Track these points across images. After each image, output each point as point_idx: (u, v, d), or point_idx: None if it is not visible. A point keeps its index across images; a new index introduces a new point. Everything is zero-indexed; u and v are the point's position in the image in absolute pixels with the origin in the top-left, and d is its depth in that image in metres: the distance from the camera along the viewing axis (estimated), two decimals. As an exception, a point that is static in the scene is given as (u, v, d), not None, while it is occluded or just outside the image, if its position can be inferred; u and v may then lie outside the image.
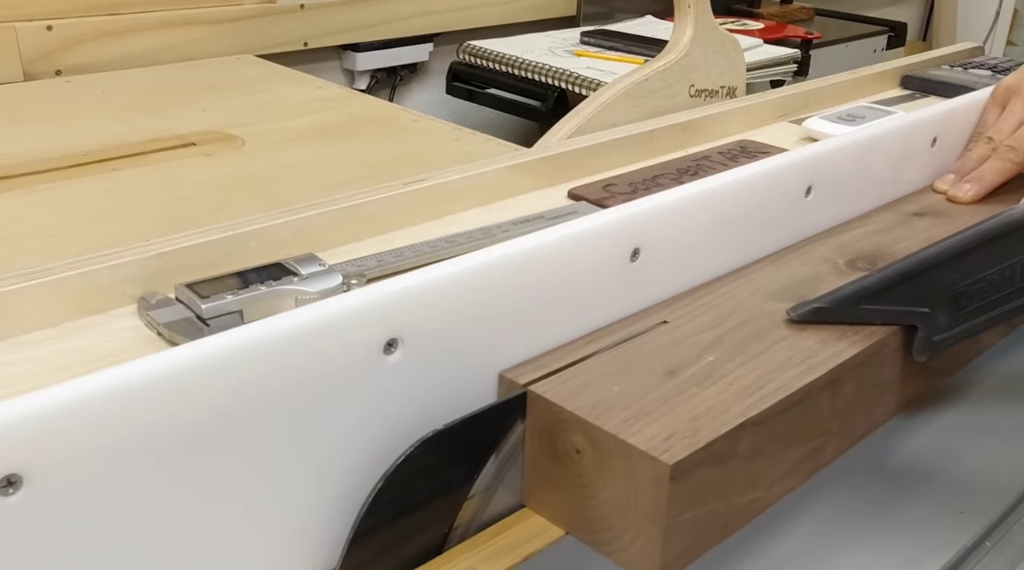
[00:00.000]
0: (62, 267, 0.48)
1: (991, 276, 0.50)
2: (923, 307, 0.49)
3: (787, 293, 0.52)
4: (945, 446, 0.51)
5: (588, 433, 0.40)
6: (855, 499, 0.47)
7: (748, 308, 0.50)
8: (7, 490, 0.30)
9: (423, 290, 0.41)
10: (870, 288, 0.49)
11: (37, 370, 0.44)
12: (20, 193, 0.72)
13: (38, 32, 1.06)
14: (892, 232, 0.61)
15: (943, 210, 0.66)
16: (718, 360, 0.45)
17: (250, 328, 0.36)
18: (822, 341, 0.47)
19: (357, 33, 1.32)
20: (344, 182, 0.76)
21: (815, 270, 0.55)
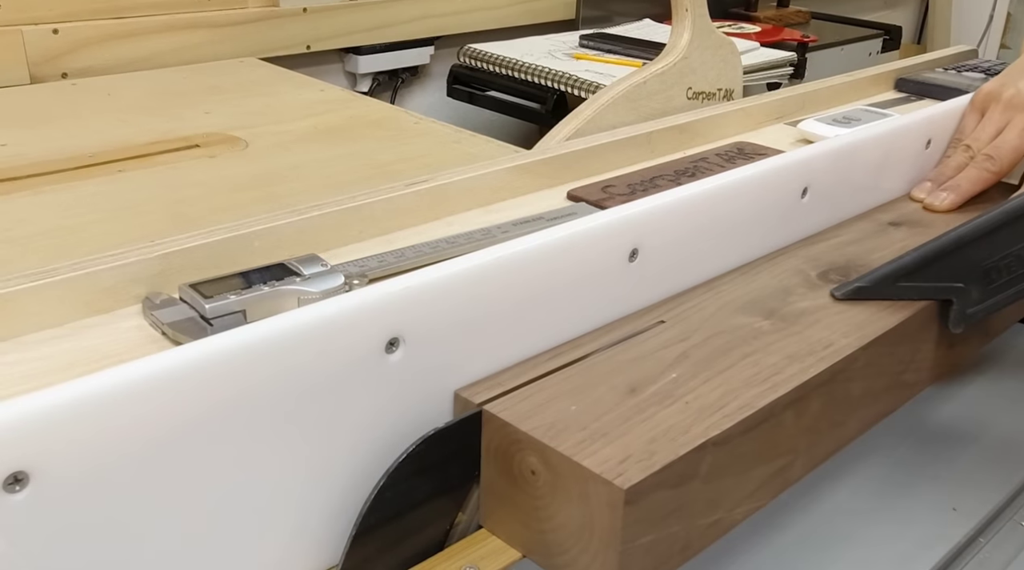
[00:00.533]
0: (68, 267, 0.48)
1: (1018, 251, 0.53)
2: (957, 282, 0.52)
3: (756, 306, 0.51)
4: (942, 441, 0.51)
5: (543, 454, 0.38)
6: (856, 492, 0.47)
7: (716, 322, 0.49)
8: (13, 487, 0.30)
9: (424, 290, 0.41)
10: (907, 267, 0.51)
11: (43, 369, 0.44)
12: (26, 194, 0.72)
13: (44, 35, 1.06)
14: (867, 242, 0.60)
15: (919, 219, 0.64)
16: (681, 377, 0.44)
17: (253, 328, 0.36)
18: (788, 358, 0.46)
19: (359, 36, 1.32)
20: (346, 183, 0.76)
21: (786, 282, 0.54)
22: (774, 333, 0.48)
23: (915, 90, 0.99)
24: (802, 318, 0.50)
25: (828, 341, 0.47)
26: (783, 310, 0.50)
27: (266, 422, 0.36)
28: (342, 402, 0.39)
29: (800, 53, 1.40)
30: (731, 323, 0.49)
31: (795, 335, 0.48)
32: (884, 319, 0.50)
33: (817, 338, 0.48)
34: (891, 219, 0.64)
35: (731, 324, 0.49)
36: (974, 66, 1.06)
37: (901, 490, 0.49)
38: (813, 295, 0.52)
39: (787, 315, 0.50)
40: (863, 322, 0.49)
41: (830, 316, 0.50)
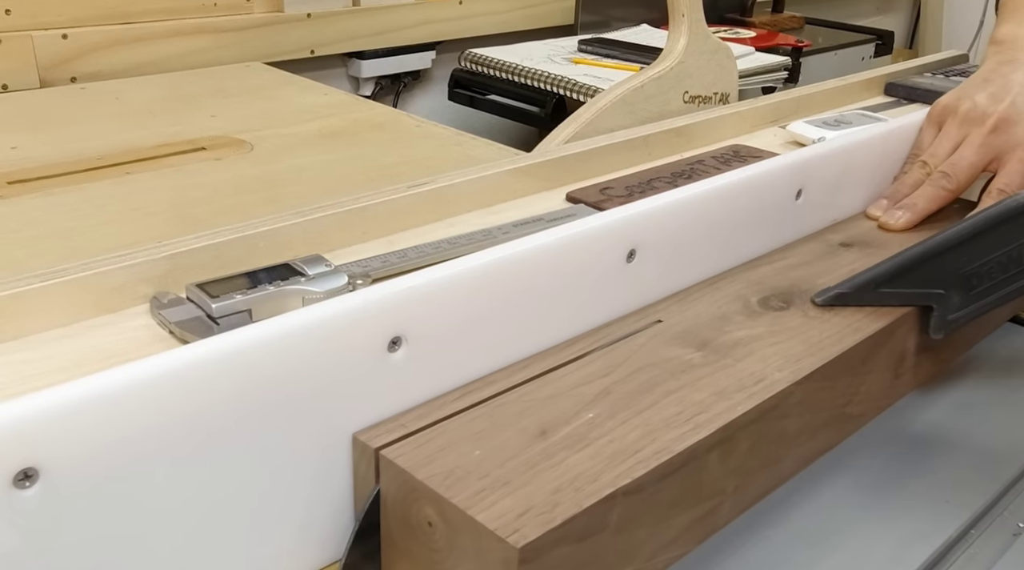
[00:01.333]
0: (77, 268, 0.48)
1: (998, 258, 0.52)
2: (937, 288, 0.51)
3: (690, 336, 0.48)
4: (934, 438, 0.51)
5: (439, 505, 0.35)
6: (847, 489, 0.47)
7: (646, 353, 0.46)
8: (24, 483, 0.30)
9: (426, 290, 0.41)
10: (888, 273, 0.50)
11: (52, 367, 0.44)
12: (36, 196, 0.72)
13: (54, 40, 1.06)
14: (814, 265, 0.57)
15: (871, 240, 0.61)
16: (598, 417, 0.40)
17: (258, 327, 0.36)
18: (716, 394, 0.42)
19: (362, 41, 1.32)
20: (350, 185, 0.76)
21: (724, 309, 0.51)
22: (705, 366, 0.45)
23: (904, 94, 0.99)
24: (736, 349, 0.46)
25: (761, 375, 0.44)
26: (717, 340, 0.47)
27: (271, 419, 0.36)
28: (346, 400, 0.39)
29: (794, 58, 1.40)
30: (661, 355, 0.46)
31: (726, 368, 0.45)
32: (824, 351, 0.47)
33: (749, 372, 0.44)
34: (843, 239, 0.61)
35: (661, 356, 0.46)
36: (961, 70, 1.06)
37: (896, 481, 0.49)
38: (751, 323, 0.49)
39: (721, 346, 0.47)
40: (800, 354, 0.46)
41: (766, 347, 0.47)
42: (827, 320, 0.50)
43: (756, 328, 0.48)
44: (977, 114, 0.66)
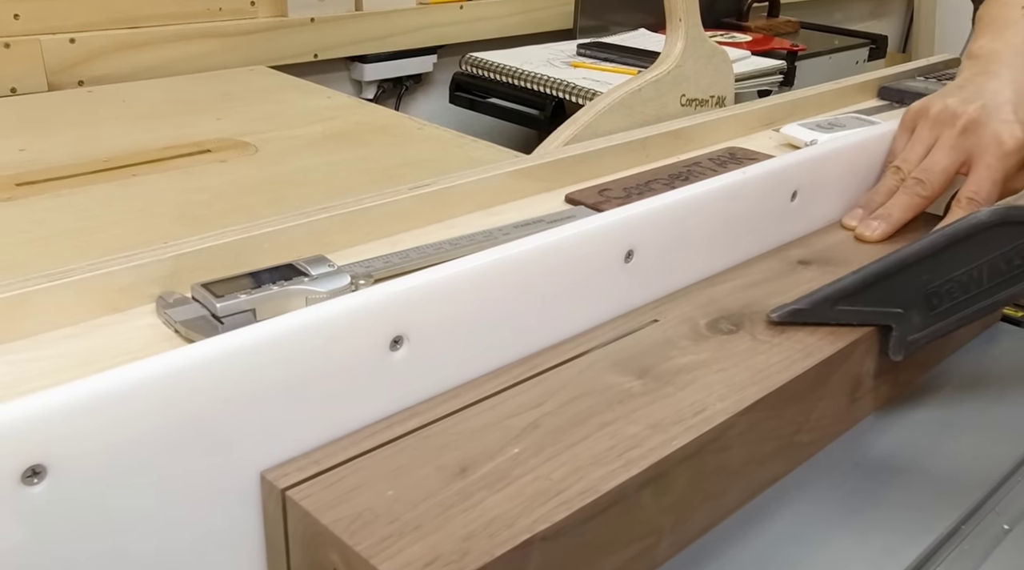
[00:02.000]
0: (84, 268, 0.48)
1: (960, 277, 0.49)
2: (897, 307, 0.48)
3: (632, 362, 0.44)
4: (918, 442, 0.50)
5: (343, 552, 0.32)
6: (832, 492, 0.46)
7: (583, 381, 0.43)
8: (32, 480, 0.30)
9: (427, 290, 0.40)
10: (846, 289, 0.48)
11: (60, 366, 0.44)
12: (45, 197, 0.72)
13: (61, 45, 1.06)
14: (770, 284, 0.53)
15: (832, 257, 0.57)
16: (524, 453, 0.37)
17: (262, 326, 0.36)
18: (652, 427, 0.39)
19: (365, 45, 1.32)
20: (353, 187, 0.76)
21: (670, 333, 0.47)
22: (644, 396, 0.42)
23: (897, 98, 0.99)
24: (679, 377, 0.43)
25: (701, 406, 0.41)
26: (660, 367, 0.44)
27: (275, 417, 0.36)
28: (348, 398, 0.39)
29: (789, 62, 1.40)
30: (599, 383, 0.42)
31: (666, 398, 0.41)
32: (770, 378, 0.43)
33: (690, 402, 0.41)
34: (802, 257, 0.57)
35: (599, 384, 0.42)
36: (954, 74, 1.06)
37: (882, 486, 0.48)
38: (697, 349, 0.46)
39: (663, 373, 0.44)
40: (745, 382, 0.43)
41: (710, 374, 0.43)
42: (777, 344, 0.47)
43: (702, 353, 0.45)
44: (948, 115, 0.63)
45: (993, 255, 0.49)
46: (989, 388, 0.56)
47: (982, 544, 0.44)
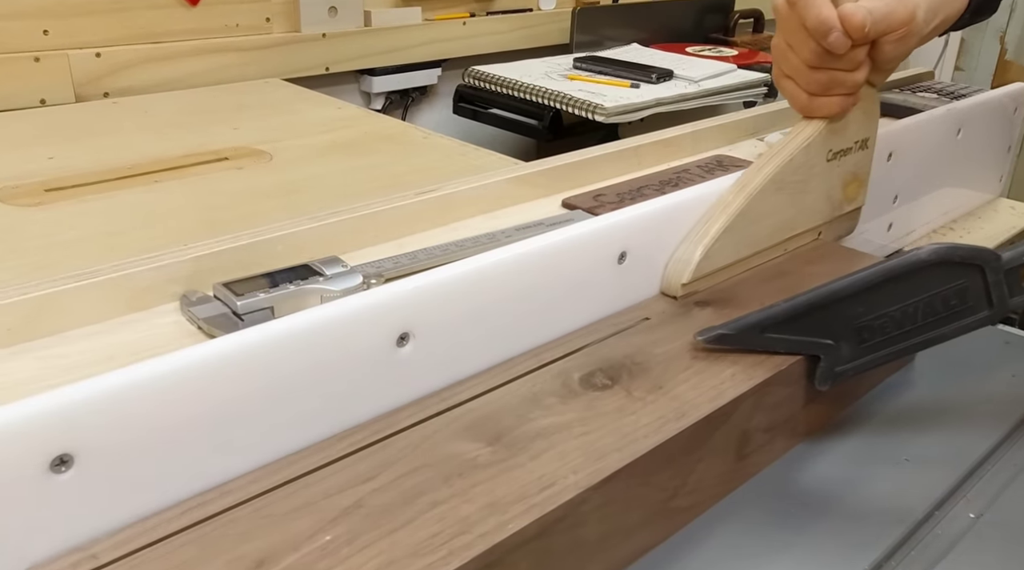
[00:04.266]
0: (109, 269, 0.48)
1: (894, 312, 0.46)
2: (827, 338, 0.45)
3: (486, 427, 0.38)
4: (845, 473, 0.47)
5: None
6: (760, 524, 0.43)
7: (427, 449, 0.37)
8: (60, 468, 0.30)
9: (432, 289, 0.40)
10: (776, 317, 0.44)
11: (86, 361, 0.44)
12: (72, 203, 0.72)
13: (88, 59, 1.06)
14: (660, 329, 0.48)
15: (732, 297, 0.52)
16: (336, 541, 0.31)
17: (278, 323, 0.36)
18: (489, 507, 0.33)
19: (373, 59, 1.32)
20: (362, 192, 0.76)
21: (537, 389, 0.41)
22: (490, 467, 0.36)
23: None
24: (535, 443, 0.37)
25: (550, 479, 0.35)
26: (516, 431, 0.38)
27: (289, 407, 0.36)
28: (357, 391, 0.39)
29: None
30: (444, 451, 0.36)
31: (513, 470, 0.35)
32: (636, 443, 0.38)
33: (539, 475, 0.35)
34: (701, 297, 0.52)
35: (443, 453, 0.36)
36: (927, 87, 1.06)
37: (810, 518, 0.45)
38: (563, 408, 0.40)
39: (518, 439, 0.37)
40: (606, 449, 0.37)
41: (570, 439, 0.38)
42: (651, 403, 0.41)
43: (566, 414, 0.39)
44: None
45: (930, 293, 0.46)
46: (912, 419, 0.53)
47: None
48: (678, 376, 0.43)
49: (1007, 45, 2.24)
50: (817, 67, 0.53)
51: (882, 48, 0.53)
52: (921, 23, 0.53)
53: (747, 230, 0.54)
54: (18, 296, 0.45)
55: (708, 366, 0.44)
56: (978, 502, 0.46)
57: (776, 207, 0.55)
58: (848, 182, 0.61)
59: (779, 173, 0.54)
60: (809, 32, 0.51)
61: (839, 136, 0.57)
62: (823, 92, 0.54)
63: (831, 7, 0.50)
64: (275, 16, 1.21)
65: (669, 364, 0.44)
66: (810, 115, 0.56)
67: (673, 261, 0.52)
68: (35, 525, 0.30)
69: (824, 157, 0.57)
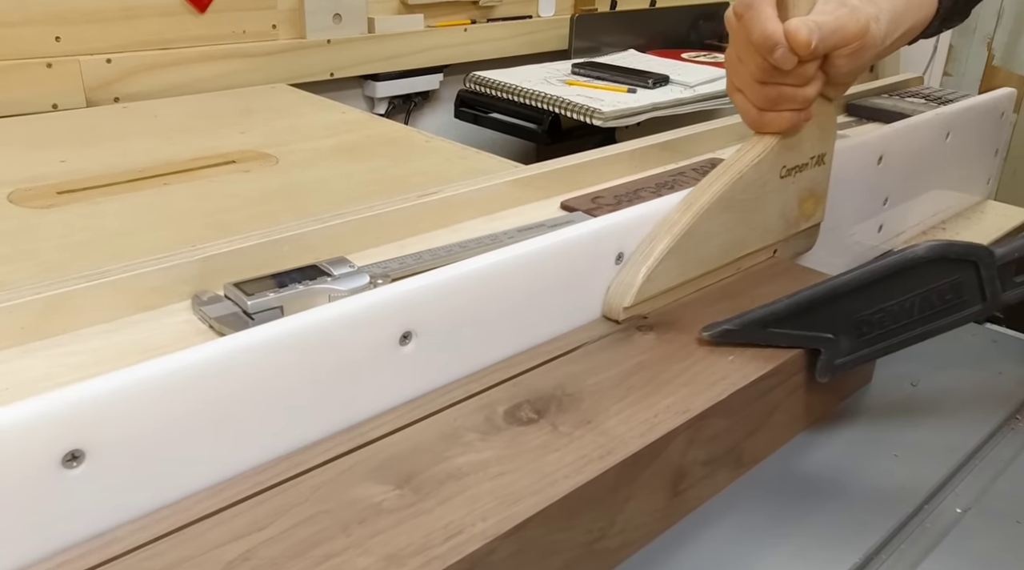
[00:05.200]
0: (119, 269, 0.48)
1: (891, 307, 0.46)
2: (828, 332, 0.45)
3: (397, 467, 0.35)
4: (837, 467, 0.47)
5: None
6: (752, 517, 0.43)
7: (331, 492, 0.33)
8: (71, 463, 0.30)
9: (434, 290, 0.40)
10: (778, 313, 0.45)
11: (98, 359, 0.44)
12: (83, 205, 0.71)
13: (99, 64, 1.06)
14: (598, 355, 0.45)
15: (674, 321, 0.48)
16: None
17: (284, 321, 0.36)
18: (386, 560, 0.30)
19: (377, 65, 1.32)
20: (365, 194, 0.76)
21: (458, 424, 0.38)
22: (395, 513, 0.33)
23: (864, 114, 0.99)
24: (446, 486, 0.34)
25: (457, 527, 0.32)
26: (429, 472, 0.35)
27: (298, 401, 0.36)
28: (361, 387, 0.39)
29: (766, 80, 1.40)
30: (348, 495, 0.33)
31: (419, 517, 0.32)
32: (554, 486, 0.34)
33: (445, 522, 0.32)
34: (645, 321, 0.49)
35: (347, 497, 0.33)
36: (915, 92, 1.06)
37: (810, 505, 0.45)
38: (482, 445, 0.37)
39: (429, 481, 0.34)
40: (522, 492, 0.34)
41: (485, 481, 0.34)
42: (577, 438, 0.38)
43: (485, 452, 0.36)
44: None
45: (926, 289, 0.46)
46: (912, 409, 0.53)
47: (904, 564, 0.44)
48: (610, 408, 0.40)
49: (994, 51, 2.24)
50: (765, 82, 0.50)
51: (834, 62, 0.50)
52: (878, 35, 0.50)
53: (694, 250, 0.50)
54: (31, 296, 0.45)
55: (643, 397, 0.41)
56: (965, 497, 0.46)
57: (725, 226, 0.52)
58: (804, 199, 0.58)
59: (728, 191, 0.51)
60: (755, 47, 0.48)
61: (793, 152, 0.54)
62: (772, 107, 0.51)
63: (776, 22, 0.47)
64: (281, 23, 1.21)
65: (602, 395, 0.41)
66: (761, 130, 0.53)
67: (615, 283, 0.49)
68: (47, 518, 0.30)
69: (777, 174, 0.54)
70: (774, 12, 0.48)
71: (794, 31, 0.47)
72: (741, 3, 0.48)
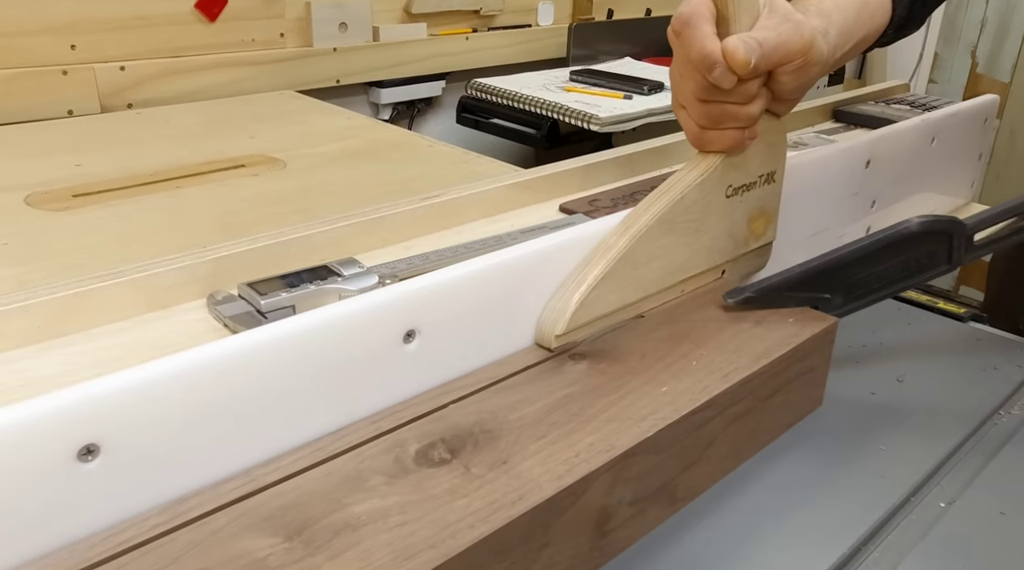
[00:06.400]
0: (133, 269, 0.48)
1: (880, 271, 0.51)
2: (826, 293, 0.50)
3: (290, 516, 0.31)
4: (824, 462, 0.47)
5: None
6: (741, 511, 0.43)
7: (210, 548, 0.30)
8: (87, 458, 0.30)
9: (436, 289, 0.40)
10: (791, 280, 0.49)
11: (112, 356, 0.44)
12: (98, 208, 0.72)
13: (113, 72, 1.06)
14: (522, 388, 0.40)
15: (610, 348, 0.44)
16: None
17: (295, 320, 0.36)
18: None
19: (381, 72, 1.32)
20: (371, 197, 0.76)
21: (365, 466, 0.34)
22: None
23: (851, 120, 0.99)
24: (340, 538, 0.30)
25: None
26: (324, 521, 0.31)
27: (307, 396, 0.36)
28: (367, 382, 0.39)
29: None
30: (231, 550, 0.29)
31: None
32: (458, 537, 0.31)
33: None
34: (578, 349, 0.44)
35: (229, 552, 0.29)
36: (900, 99, 1.06)
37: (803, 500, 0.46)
38: (387, 490, 0.33)
39: (322, 531, 0.31)
40: (420, 544, 0.30)
41: (382, 532, 0.31)
42: (489, 481, 0.34)
43: (389, 497, 0.32)
44: None
45: (908, 255, 0.51)
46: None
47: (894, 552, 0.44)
48: (528, 447, 0.36)
49: (978, 59, 2.24)
50: (706, 100, 0.46)
51: (779, 79, 0.47)
52: (825, 50, 0.48)
53: (632, 275, 0.47)
54: (48, 295, 0.45)
55: (565, 435, 0.37)
56: (950, 489, 0.46)
57: (666, 248, 0.48)
58: (754, 218, 0.54)
59: (668, 212, 0.47)
60: (693, 66, 0.45)
61: (739, 171, 0.50)
62: (715, 126, 0.47)
63: (715, 40, 0.44)
64: (289, 32, 1.21)
65: (522, 432, 0.37)
66: (704, 149, 0.49)
67: (547, 309, 0.45)
68: (63, 509, 0.30)
69: (723, 193, 0.50)
70: (712, 29, 0.44)
71: (732, 50, 0.43)
72: (678, 19, 0.45)
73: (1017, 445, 0.50)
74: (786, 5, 0.46)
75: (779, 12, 0.46)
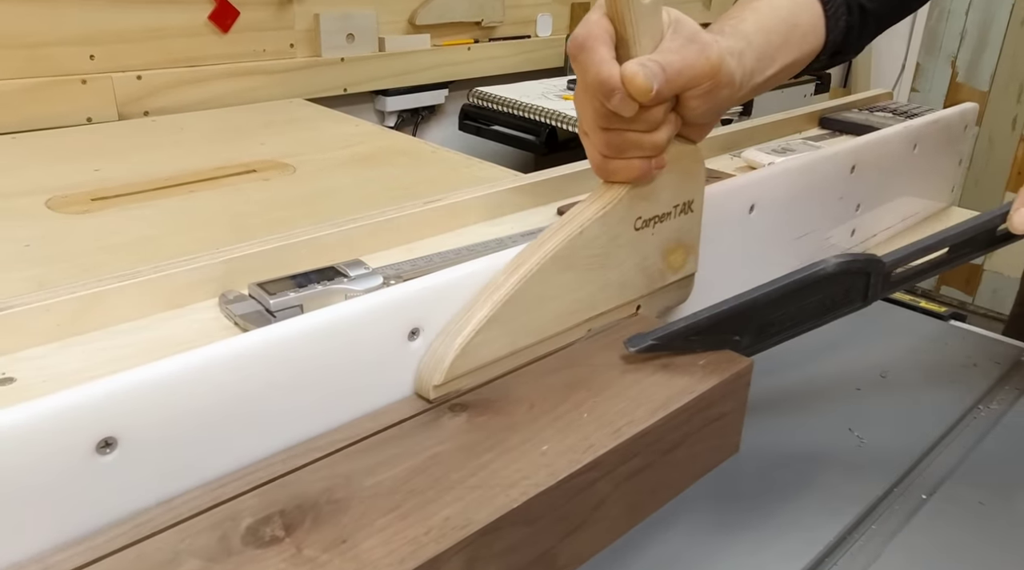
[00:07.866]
0: (149, 270, 0.48)
1: (793, 311, 0.45)
2: (736, 335, 0.44)
3: None
4: (808, 454, 0.46)
5: None
6: (727, 503, 0.42)
7: None
8: (105, 451, 0.30)
9: (438, 288, 0.40)
10: (699, 326, 0.42)
11: (129, 353, 0.44)
12: (115, 211, 0.72)
13: (130, 81, 1.06)
14: (388, 446, 0.34)
15: (497, 398, 0.38)
16: None
17: (301, 319, 0.36)
18: None
19: (387, 81, 1.32)
20: (377, 201, 0.76)
21: (185, 546, 0.28)
22: None
23: (836, 127, 0.99)
24: None
25: None
26: None
27: (313, 392, 0.36)
28: (374, 378, 0.39)
29: (748, 95, 1.40)
30: None
31: None
32: None
33: None
34: (460, 399, 0.38)
35: None
36: (883, 106, 1.06)
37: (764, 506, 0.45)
38: (217, 568, 0.27)
39: None
40: None
41: None
42: (321, 566, 0.28)
43: None
44: None
45: (823, 294, 0.46)
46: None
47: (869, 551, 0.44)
48: (375, 522, 0.30)
49: (958, 69, 2.24)
50: (608, 128, 0.41)
51: (687, 104, 0.42)
52: (737, 72, 0.44)
53: (524, 317, 0.41)
54: (67, 295, 0.45)
55: (420, 506, 0.31)
56: (931, 481, 0.46)
57: (564, 288, 0.42)
58: (671, 250, 0.48)
59: (565, 248, 0.41)
60: (591, 92, 0.40)
61: (648, 202, 0.44)
62: (618, 155, 0.42)
63: (612, 65, 0.39)
64: (298, 42, 1.21)
65: (374, 503, 0.31)
66: (608, 179, 0.43)
67: (428, 355, 0.39)
68: (82, 501, 0.30)
69: (631, 226, 0.44)
70: (609, 53, 0.39)
71: (631, 75, 0.38)
72: (573, 42, 0.40)
73: (996, 438, 0.50)
74: (692, 25, 0.42)
75: (683, 33, 0.41)
